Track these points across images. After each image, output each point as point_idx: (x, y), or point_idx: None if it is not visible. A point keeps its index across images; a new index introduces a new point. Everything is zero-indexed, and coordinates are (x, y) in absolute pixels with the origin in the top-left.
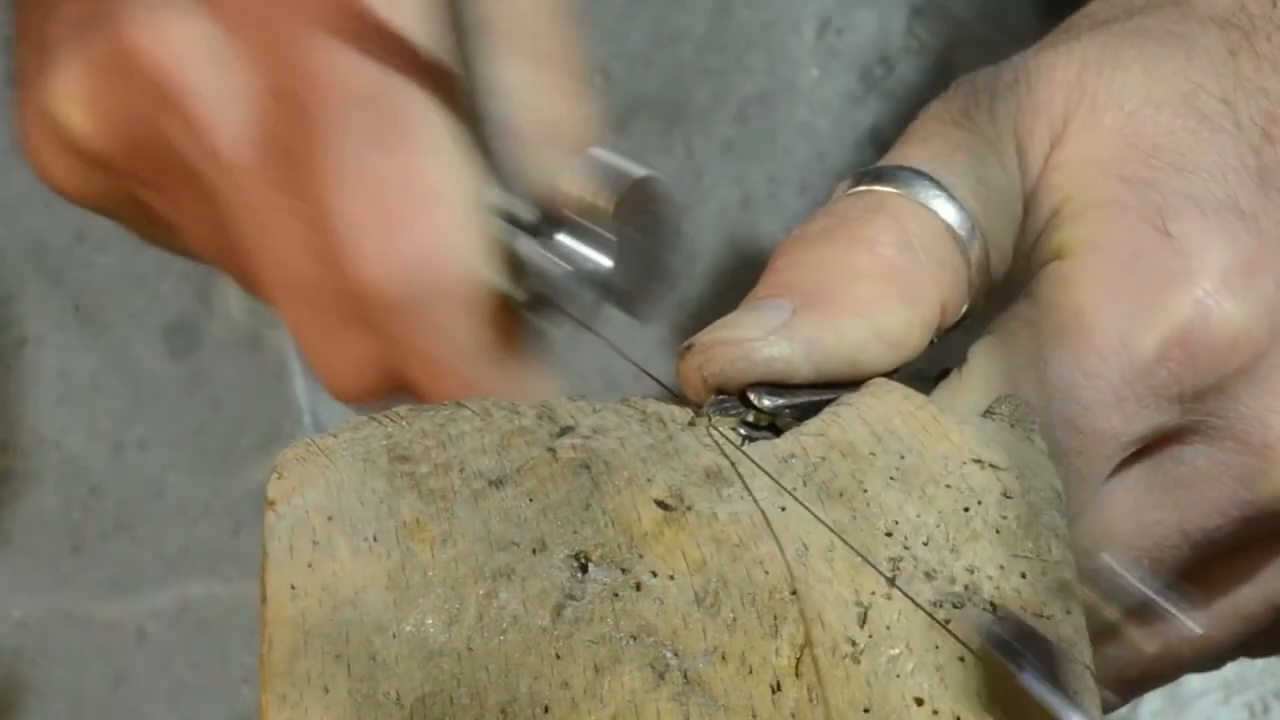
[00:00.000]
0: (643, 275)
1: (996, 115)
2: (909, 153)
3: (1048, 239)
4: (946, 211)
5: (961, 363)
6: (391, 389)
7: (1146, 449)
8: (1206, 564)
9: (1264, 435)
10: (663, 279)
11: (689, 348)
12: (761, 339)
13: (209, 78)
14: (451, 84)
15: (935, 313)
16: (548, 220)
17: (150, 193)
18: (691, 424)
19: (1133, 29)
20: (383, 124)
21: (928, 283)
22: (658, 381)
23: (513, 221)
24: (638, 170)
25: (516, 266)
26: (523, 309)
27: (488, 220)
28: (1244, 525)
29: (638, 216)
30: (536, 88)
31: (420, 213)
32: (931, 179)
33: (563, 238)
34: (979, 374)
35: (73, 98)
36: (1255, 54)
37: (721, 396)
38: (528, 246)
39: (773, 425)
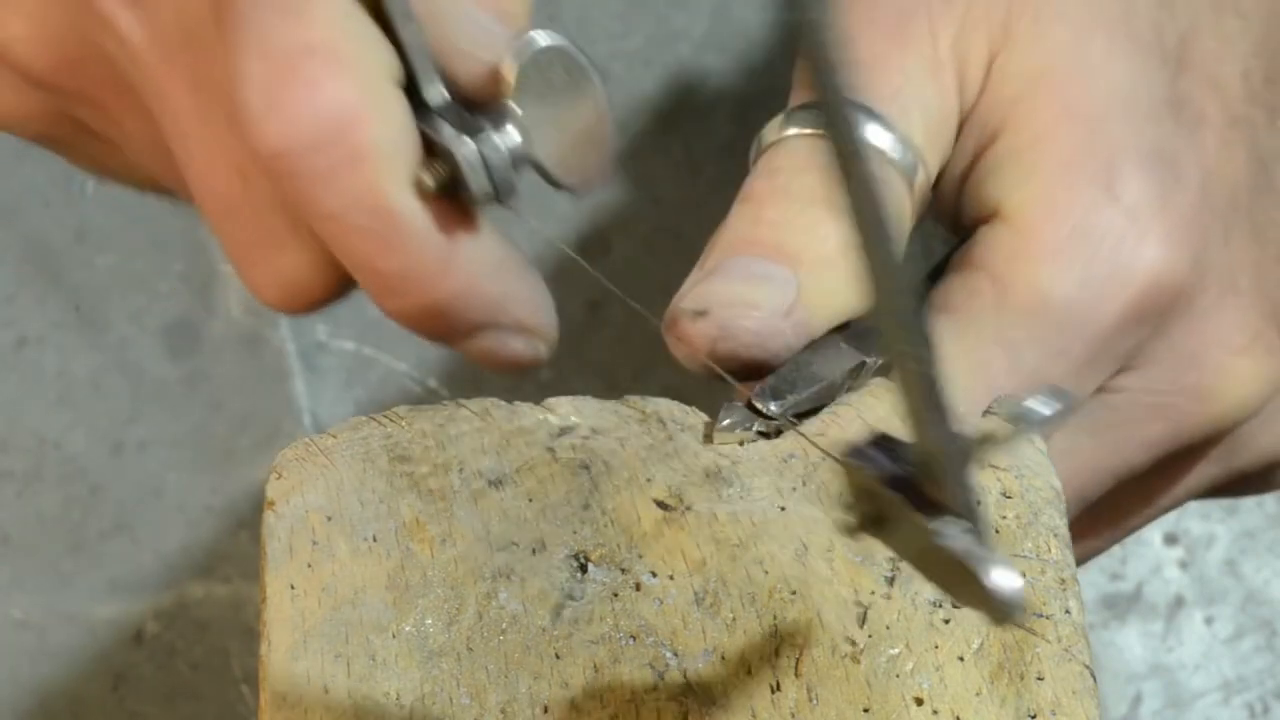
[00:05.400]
0: (568, 150)
1: (936, 32)
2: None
3: (987, 176)
4: (889, 145)
5: None
6: (324, 291)
7: None
8: (1114, 491)
9: (1197, 376)
10: (594, 151)
11: (702, 314)
12: (771, 320)
13: None
14: None
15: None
16: (456, 99)
17: (93, 112)
18: (706, 439)
19: None
20: None
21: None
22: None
23: (421, 102)
24: (544, 40)
25: (428, 148)
26: (436, 192)
27: (395, 94)
28: (1164, 459)
29: (552, 90)
30: None
31: (321, 73)
32: (866, 109)
33: (473, 116)
34: (948, 361)
35: (13, 13)
36: None
37: (729, 404)
38: (438, 126)
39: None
